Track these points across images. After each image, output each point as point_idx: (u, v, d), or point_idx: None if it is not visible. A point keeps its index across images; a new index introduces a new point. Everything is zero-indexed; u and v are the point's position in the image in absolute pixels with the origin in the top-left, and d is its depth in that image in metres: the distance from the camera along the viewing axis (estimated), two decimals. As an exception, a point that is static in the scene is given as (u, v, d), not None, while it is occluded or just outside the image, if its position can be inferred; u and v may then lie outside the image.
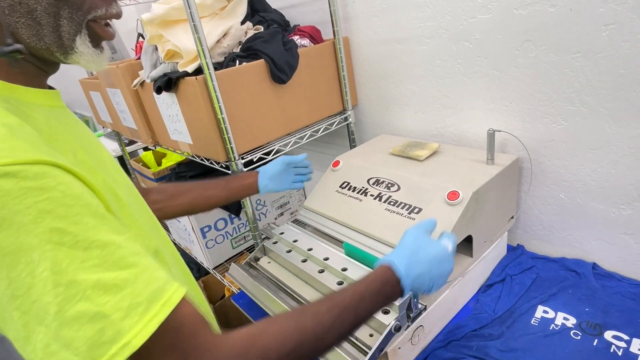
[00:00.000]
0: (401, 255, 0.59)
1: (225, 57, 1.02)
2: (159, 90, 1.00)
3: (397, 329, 0.68)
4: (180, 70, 0.97)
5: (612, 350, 0.72)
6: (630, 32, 0.72)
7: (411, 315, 0.72)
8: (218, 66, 0.99)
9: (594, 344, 0.74)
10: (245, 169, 1.02)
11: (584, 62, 0.79)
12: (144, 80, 1.13)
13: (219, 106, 0.92)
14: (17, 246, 0.34)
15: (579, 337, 0.76)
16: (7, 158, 0.34)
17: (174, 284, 0.40)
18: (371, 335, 0.69)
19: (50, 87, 0.50)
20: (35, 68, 0.46)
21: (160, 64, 1.04)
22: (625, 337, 0.74)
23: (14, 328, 0.35)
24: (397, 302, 0.61)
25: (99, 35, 0.47)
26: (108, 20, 0.47)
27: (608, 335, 0.75)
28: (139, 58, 1.18)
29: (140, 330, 0.36)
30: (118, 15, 0.47)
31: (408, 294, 0.58)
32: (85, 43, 0.45)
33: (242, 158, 1.02)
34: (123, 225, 0.42)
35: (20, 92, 0.44)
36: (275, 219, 1.57)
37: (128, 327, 0.35)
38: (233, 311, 1.03)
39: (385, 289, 0.56)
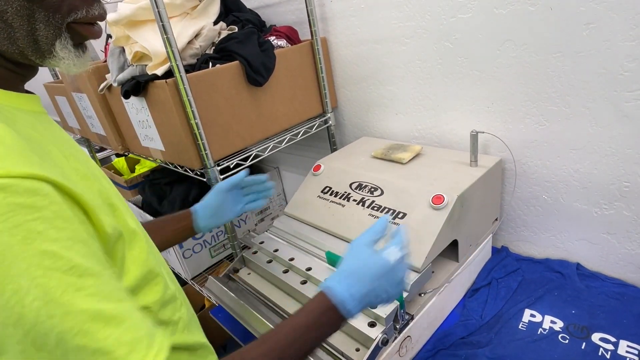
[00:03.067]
0: (342, 278, 0.53)
1: (197, 59, 0.97)
2: (126, 95, 0.94)
3: (385, 342, 0.65)
4: (150, 73, 0.91)
5: (600, 354, 0.71)
6: (610, 31, 0.71)
7: (398, 326, 0.70)
8: (190, 68, 0.94)
9: (582, 347, 0.73)
10: (222, 177, 0.97)
11: (565, 62, 0.78)
12: (111, 84, 1.06)
13: (192, 110, 0.87)
14: (3, 270, 0.30)
15: (567, 341, 0.75)
16: None
17: (158, 329, 0.38)
18: (357, 350, 0.66)
19: (28, 92, 0.46)
20: (9, 72, 0.42)
21: (128, 66, 0.99)
22: (613, 339, 0.73)
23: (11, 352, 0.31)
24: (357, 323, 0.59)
25: (83, 36, 0.43)
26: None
27: (595, 337, 0.74)
28: (106, 60, 1.12)
29: None
30: (101, 17, 0.43)
31: (357, 314, 0.53)
32: (67, 47, 0.42)
33: (218, 165, 0.97)
34: (106, 259, 0.38)
35: (0, 96, 0.40)
36: (256, 225, 1.53)
37: None
38: (213, 323, 0.98)
39: (328, 316, 0.51)
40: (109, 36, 1.33)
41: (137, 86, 0.91)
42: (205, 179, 0.97)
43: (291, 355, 0.47)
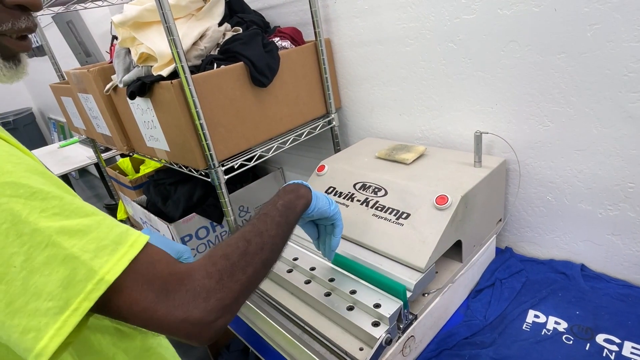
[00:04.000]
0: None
1: (202, 60, 0.98)
2: (132, 96, 0.95)
3: (388, 341, 0.65)
4: (155, 74, 0.92)
5: (604, 355, 0.71)
6: (614, 32, 0.71)
7: (401, 326, 0.70)
8: (195, 69, 0.95)
9: (587, 348, 0.73)
10: (226, 177, 0.98)
11: (569, 63, 0.78)
12: (116, 85, 1.07)
13: (197, 111, 0.87)
14: None
15: (571, 342, 0.75)
16: None
17: (136, 231, 0.41)
18: (361, 349, 0.66)
19: None
20: None
21: (134, 67, 1.00)
22: (617, 341, 0.73)
23: None
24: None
25: (11, 49, 0.43)
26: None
27: (600, 338, 0.74)
28: (112, 62, 1.13)
29: (112, 267, 0.36)
30: (30, 30, 0.43)
31: (315, 195, 0.65)
32: None
33: (223, 165, 0.98)
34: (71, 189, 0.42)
35: None
36: (259, 225, 1.53)
37: (99, 265, 0.36)
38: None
39: (291, 190, 0.62)
40: (114, 37, 1.34)
41: (143, 87, 0.92)
42: (209, 179, 0.98)
43: (254, 238, 0.51)
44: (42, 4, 0.44)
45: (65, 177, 2.47)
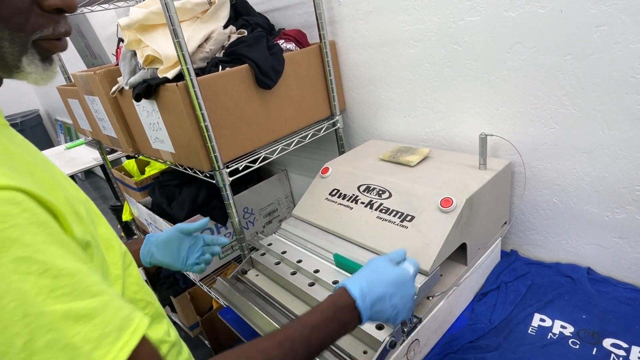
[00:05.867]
0: (358, 279, 0.57)
1: (207, 62, 0.98)
2: (138, 98, 0.95)
3: (392, 345, 0.65)
4: (160, 76, 0.92)
5: (611, 359, 0.70)
6: (621, 34, 0.71)
7: (406, 329, 0.70)
8: (200, 72, 0.95)
9: (593, 353, 0.72)
10: (231, 178, 0.98)
11: (575, 64, 0.78)
12: (122, 87, 1.08)
13: (202, 113, 0.88)
14: None
15: (577, 347, 0.74)
16: None
17: (139, 312, 0.40)
18: (365, 353, 0.66)
19: None
20: None
21: (140, 69, 1.00)
22: (624, 345, 0.72)
23: None
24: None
25: (49, 51, 0.44)
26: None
27: (607, 343, 0.73)
28: (118, 64, 1.14)
29: (113, 359, 0.36)
30: (67, 33, 0.45)
31: (367, 320, 0.55)
32: (34, 62, 0.43)
33: (227, 167, 0.98)
34: (85, 254, 0.41)
35: None
36: (264, 227, 1.53)
37: (99, 356, 0.35)
38: (221, 324, 0.99)
39: (339, 316, 0.53)
40: (120, 40, 1.35)
41: (149, 89, 0.93)
42: (214, 181, 0.98)
43: (300, 349, 0.49)
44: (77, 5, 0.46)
45: (71, 179, 2.49)
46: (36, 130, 4.60)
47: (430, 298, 0.77)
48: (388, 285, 0.57)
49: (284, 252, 0.88)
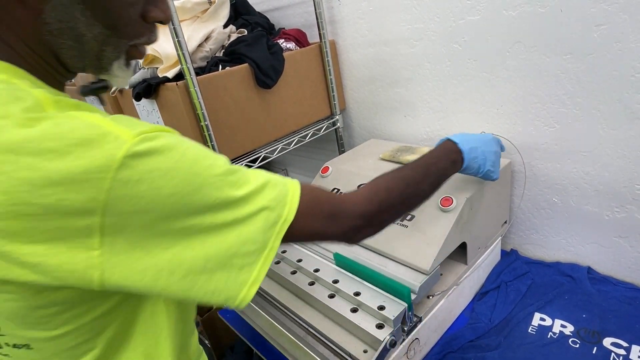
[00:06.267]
0: (453, 136, 0.70)
1: (207, 62, 0.98)
2: (138, 97, 0.95)
3: (392, 344, 0.65)
4: (160, 75, 0.92)
5: (612, 359, 0.70)
6: (622, 33, 0.71)
7: (406, 328, 0.69)
8: (200, 71, 0.95)
9: (594, 352, 0.72)
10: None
11: (575, 64, 0.78)
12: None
13: (202, 113, 0.88)
14: (182, 175, 0.37)
15: (577, 346, 0.74)
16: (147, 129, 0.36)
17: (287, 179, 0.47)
18: (365, 352, 0.66)
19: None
20: (61, 76, 0.45)
21: (140, 69, 1.00)
22: (625, 344, 0.72)
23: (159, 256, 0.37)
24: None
25: (134, 57, 0.47)
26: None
27: (607, 342, 0.73)
28: (117, 63, 1.14)
29: (290, 209, 0.43)
30: (155, 41, 0.48)
31: (467, 163, 0.67)
32: (122, 67, 0.46)
33: (227, 166, 0.98)
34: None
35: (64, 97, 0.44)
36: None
37: (283, 208, 0.43)
38: (221, 323, 0.99)
39: (450, 155, 0.66)
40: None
41: (149, 88, 0.93)
42: (214, 181, 0.98)
43: (432, 172, 0.61)
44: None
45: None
46: (36, 130, 4.59)
47: (431, 297, 0.77)
48: (477, 140, 0.70)
49: (284, 252, 0.88)
